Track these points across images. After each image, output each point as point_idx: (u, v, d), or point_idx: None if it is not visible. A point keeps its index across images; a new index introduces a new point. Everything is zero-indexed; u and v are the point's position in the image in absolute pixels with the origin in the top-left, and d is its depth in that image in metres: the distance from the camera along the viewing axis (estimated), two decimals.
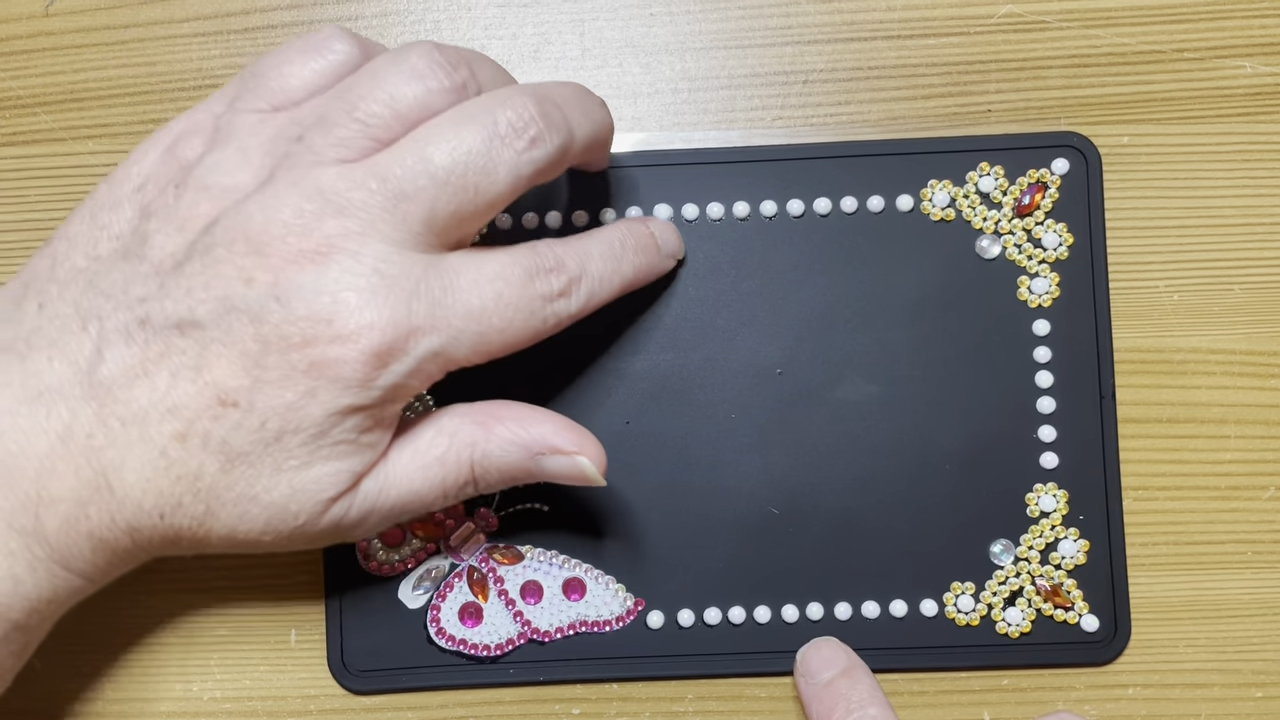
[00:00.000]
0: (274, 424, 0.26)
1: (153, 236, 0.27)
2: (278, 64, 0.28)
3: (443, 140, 0.26)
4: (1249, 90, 0.34)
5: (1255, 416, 0.34)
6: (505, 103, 0.27)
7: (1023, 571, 0.33)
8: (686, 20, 0.35)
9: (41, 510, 0.26)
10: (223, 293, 0.26)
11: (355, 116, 0.26)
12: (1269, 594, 0.33)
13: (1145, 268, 0.34)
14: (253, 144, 0.27)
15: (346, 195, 0.26)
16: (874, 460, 0.33)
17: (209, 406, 0.26)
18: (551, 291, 0.28)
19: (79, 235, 0.28)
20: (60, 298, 0.27)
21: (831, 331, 0.33)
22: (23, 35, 0.34)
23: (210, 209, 0.26)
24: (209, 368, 0.26)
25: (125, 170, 0.28)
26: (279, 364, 0.25)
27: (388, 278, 0.26)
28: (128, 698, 0.33)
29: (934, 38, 0.34)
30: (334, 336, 0.25)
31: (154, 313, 0.26)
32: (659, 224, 0.32)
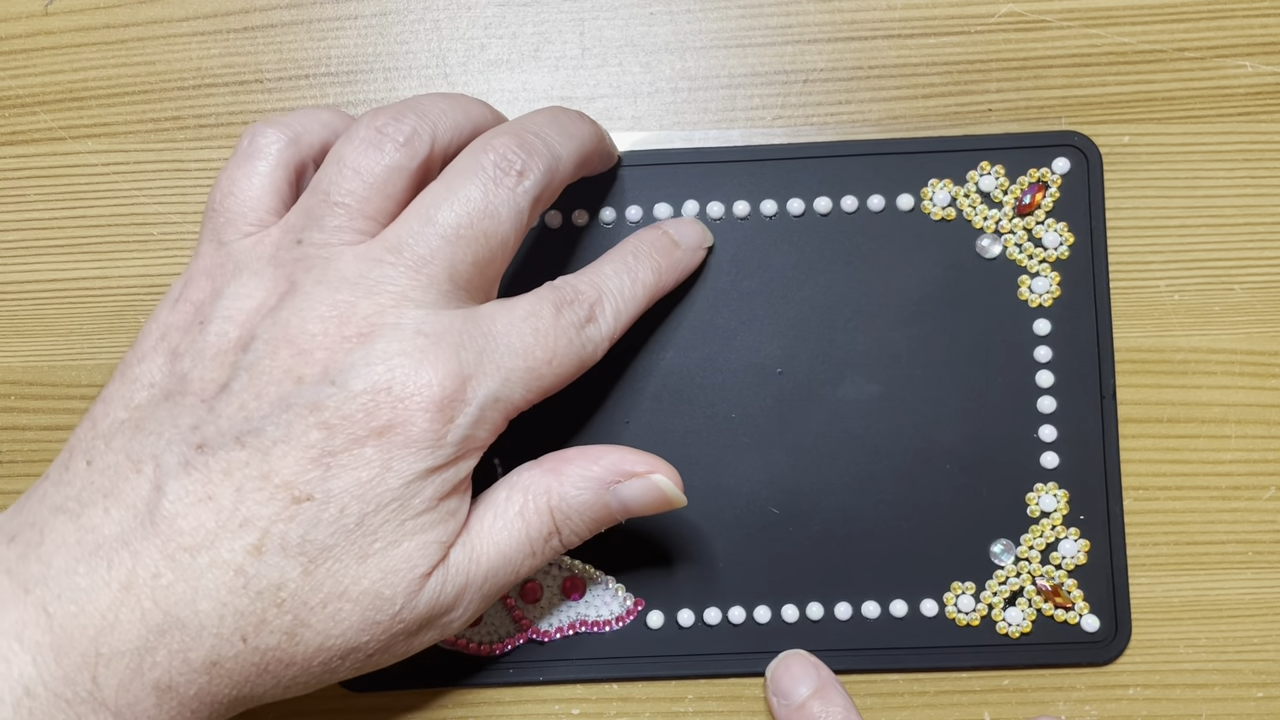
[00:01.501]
0: (354, 508, 0.25)
1: (189, 372, 0.26)
2: (228, 191, 0.29)
3: (441, 200, 0.27)
4: (1250, 90, 0.34)
5: (1256, 416, 0.34)
6: (486, 148, 0.28)
7: (1023, 571, 0.33)
8: (686, 19, 0.34)
9: (100, 670, 0.24)
10: (275, 396, 0.25)
11: (335, 201, 0.27)
12: (1269, 594, 0.33)
13: (1146, 267, 0.34)
14: (260, 265, 0.27)
15: (371, 275, 0.26)
16: (874, 460, 0.33)
17: (283, 509, 0.25)
18: (579, 320, 0.28)
19: (114, 395, 0.27)
20: (108, 449, 0.26)
21: (832, 331, 0.33)
22: (22, 35, 0.34)
23: (239, 332, 0.26)
24: (276, 471, 0.25)
25: (145, 329, 0.28)
26: (347, 444, 0.25)
27: (432, 336, 0.26)
28: None
29: (934, 37, 0.34)
30: (396, 401, 0.25)
31: (209, 435, 0.25)
32: (675, 222, 0.33)
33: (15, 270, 0.34)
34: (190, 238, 0.34)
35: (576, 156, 0.29)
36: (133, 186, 0.34)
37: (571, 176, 0.29)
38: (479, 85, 0.34)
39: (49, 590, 0.24)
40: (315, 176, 0.28)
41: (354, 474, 0.25)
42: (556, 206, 0.33)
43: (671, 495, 0.29)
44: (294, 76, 0.34)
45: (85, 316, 0.34)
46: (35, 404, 0.34)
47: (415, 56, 0.34)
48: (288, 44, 0.34)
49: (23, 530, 0.25)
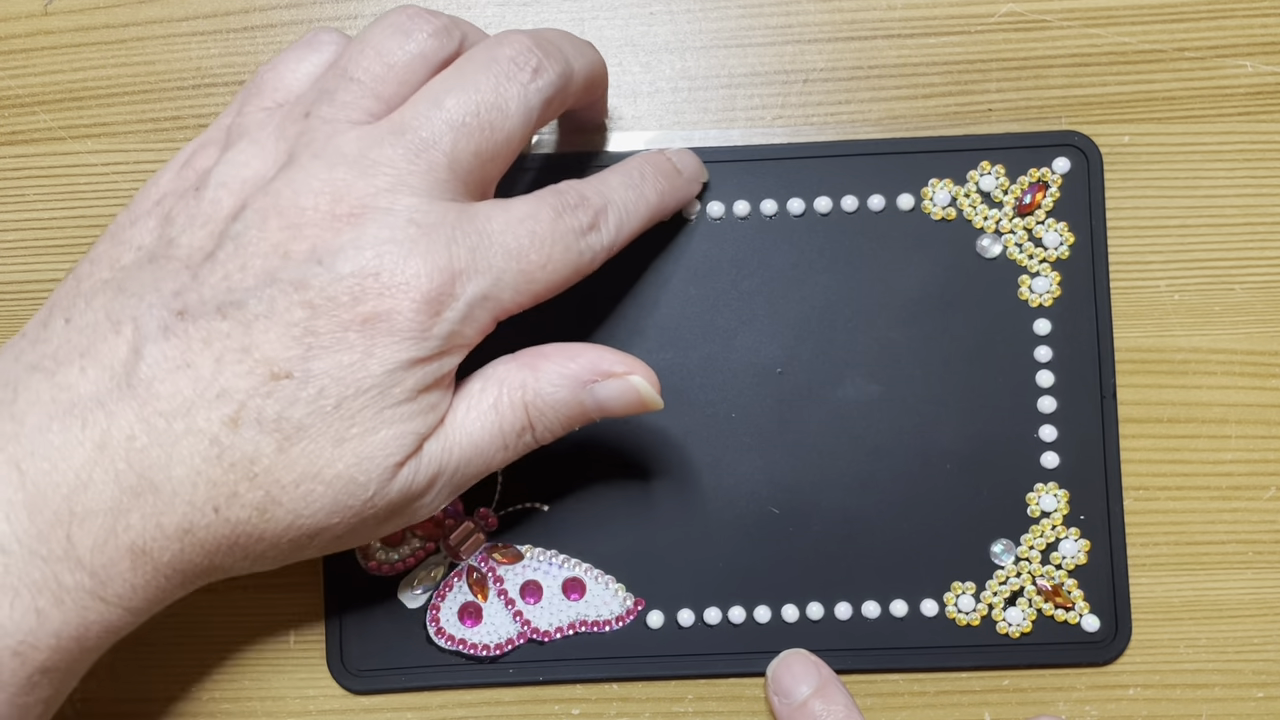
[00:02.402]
0: (332, 390, 0.25)
1: (178, 238, 0.26)
2: (273, 68, 0.29)
3: (452, 86, 0.27)
4: (1250, 89, 0.34)
5: (1256, 416, 0.34)
6: (501, 42, 0.27)
7: (1023, 571, 0.33)
8: (686, 19, 0.34)
9: (74, 528, 0.24)
10: (261, 269, 0.25)
11: (351, 77, 0.27)
12: (1270, 594, 0.33)
13: (1146, 267, 0.34)
14: (263, 135, 0.27)
15: (370, 155, 0.26)
16: (874, 460, 0.33)
17: (261, 384, 0.25)
18: (581, 225, 0.28)
19: (101, 254, 0.27)
20: (88, 308, 0.26)
21: (832, 331, 0.33)
22: (22, 34, 0.34)
23: (233, 201, 0.26)
24: (256, 345, 0.25)
25: (142, 193, 0.28)
26: (330, 326, 0.25)
27: (424, 226, 0.26)
28: (128, 698, 0.33)
29: (935, 36, 0.34)
30: (383, 289, 0.25)
31: (190, 302, 0.25)
32: (676, 150, 0.32)
33: (15, 270, 0.34)
34: None
35: (588, 72, 0.29)
36: (133, 186, 0.34)
37: (580, 94, 0.29)
38: None
39: (21, 447, 0.24)
40: (340, 54, 0.28)
41: (335, 356, 0.25)
42: None
43: (648, 397, 0.29)
44: None
45: None
46: None
47: None
48: (288, 44, 0.34)
49: None
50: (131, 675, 0.33)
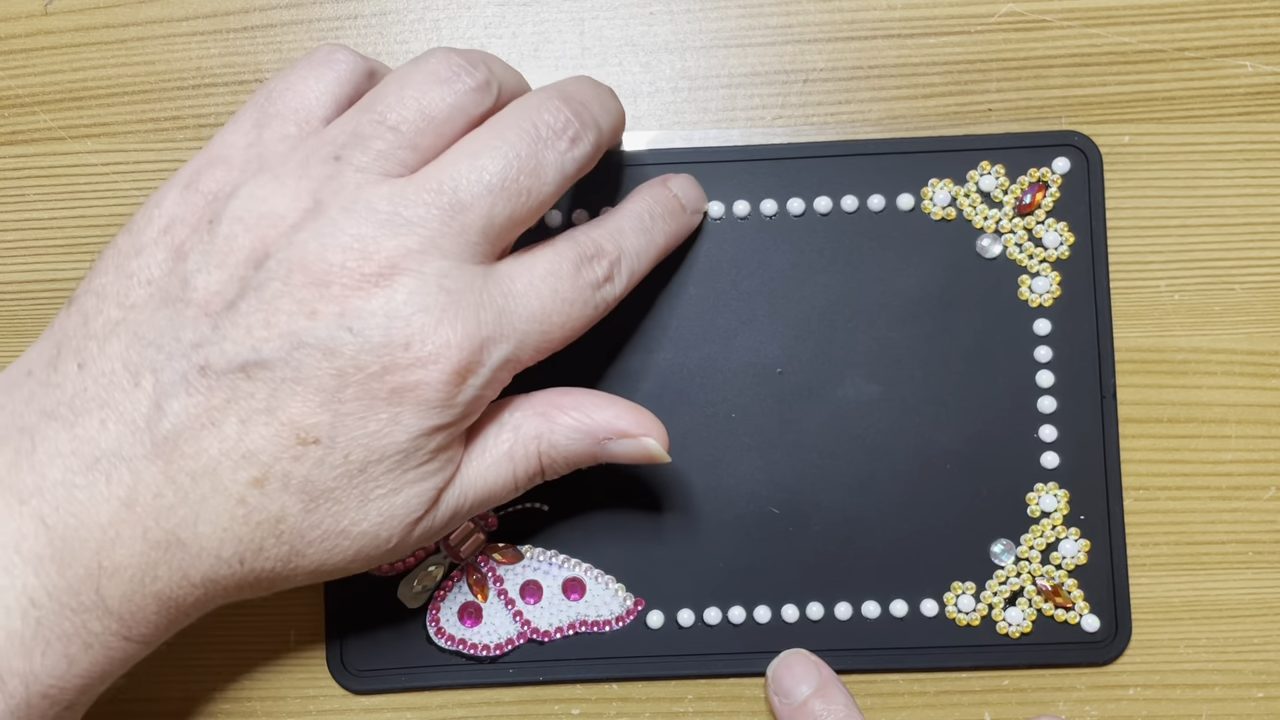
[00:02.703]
0: (358, 455, 0.25)
1: (193, 278, 0.25)
2: (287, 83, 0.28)
3: (490, 148, 0.26)
4: (1250, 90, 0.34)
5: (1256, 416, 0.34)
6: (541, 107, 0.27)
7: (1023, 571, 0.33)
8: (686, 19, 0.34)
9: (104, 582, 0.25)
10: (286, 329, 0.25)
11: (389, 125, 0.26)
12: (1270, 594, 0.33)
13: (1146, 267, 0.34)
14: (286, 170, 0.26)
15: (403, 213, 0.25)
16: (874, 460, 0.33)
17: (288, 447, 0.25)
18: (598, 278, 0.28)
19: (107, 288, 0.26)
20: (102, 354, 0.25)
21: (832, 331, 0.33)
22: (22, 34, 0.34)
23: (250, 241, 0.25)
24: (283, 408, 0.25)
25: (145, 214, 0.27)
26: (359, 395, 0.25)
27: (453, 293, 0.25)
28: (128, 698, 0.33)
29: (934, 36, 0.34)
30: (414, 361, 0.25)
31: (213, 357, 0.25)
32: (679, 181, 0.32)
33: (15, 270, 0.34)
34: None
35: (612, 132, 0.29)
36: (133, 186, 0.34)
37: (604, 151, 0.29)
38: None
39: (46, 502, 0.24)
40: (371, 94, 0.27)
41: (363, 424, 0.25)
42: (556, 206, 0.33)
43: (658, 456, 0.29)
44: None
45: None
46: None
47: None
48: (288, 44, 0.34)
49: (10, 435, 0.25)
50: (131, 675, 0.33)
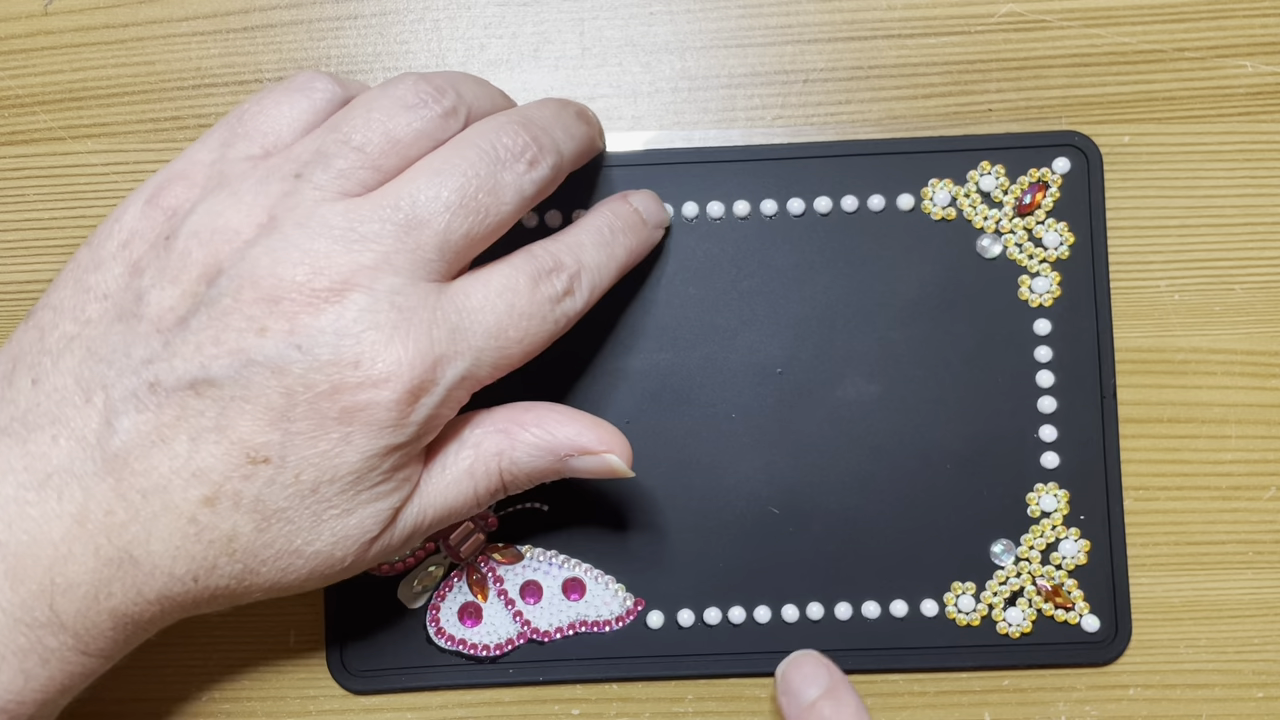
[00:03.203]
0: (309, 475, 0.25)
1: (147, 293, 0.25)
2: (260, 105, 0.28)
3: (449, 166, 0.26)
4: (1250, 90, 0.34)
5: (1256, 416, 0.34)
6: (500, 130, 0.27)
7: (1023, 571, 0.33)
8: (686, 19, 0.34)
9: (57, 598, 0.24)
10: (236, 346, 0.25)
11: (353, 145, 0.26)
12: (1270, 594, 0.33)
13: (1146, 267, 0.34)
14: (245, 186, 0.26)
15: (358, 229, 0.25)
16: (874, 460, 0.33)
17: (238, 466, 0.25)
18: (557, 293, 0.28)
19: (64, 302, 0.26)
20: (55, 369, 0.25)
21: (832, 331, 0.33)
22: (22, 34, 0.34)
23: (204, 256, 0.25)
24: (233, 426, 0.25)
25: (106, 229, 0.27)
26: (308, 414, 0.25)
27: (405, 310, 0.25)
28: (128, 698, 0.33)
29: (934, 37, 0.34)
30: (363, 380, 0.25)
31: (163, 374, 0.25)
32: (640, 197, 0.32)
33: (15, 270, 0.34)
34: None
35: (574, 156, 0.29)
36: (132, 186, 0.34)
37: (568, 172, 0.30)
38: None
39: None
40: (337, 115, 0.27)
41: (313, 444, 0.25)
42: (556, 206, 0.33)
43: (621, 471, 0.29)
44: None
45: None
46: None
47: (415, 56, 0.34)
48: (288, 44, 0.34)
49: None
50: (132, 675, 0.33)
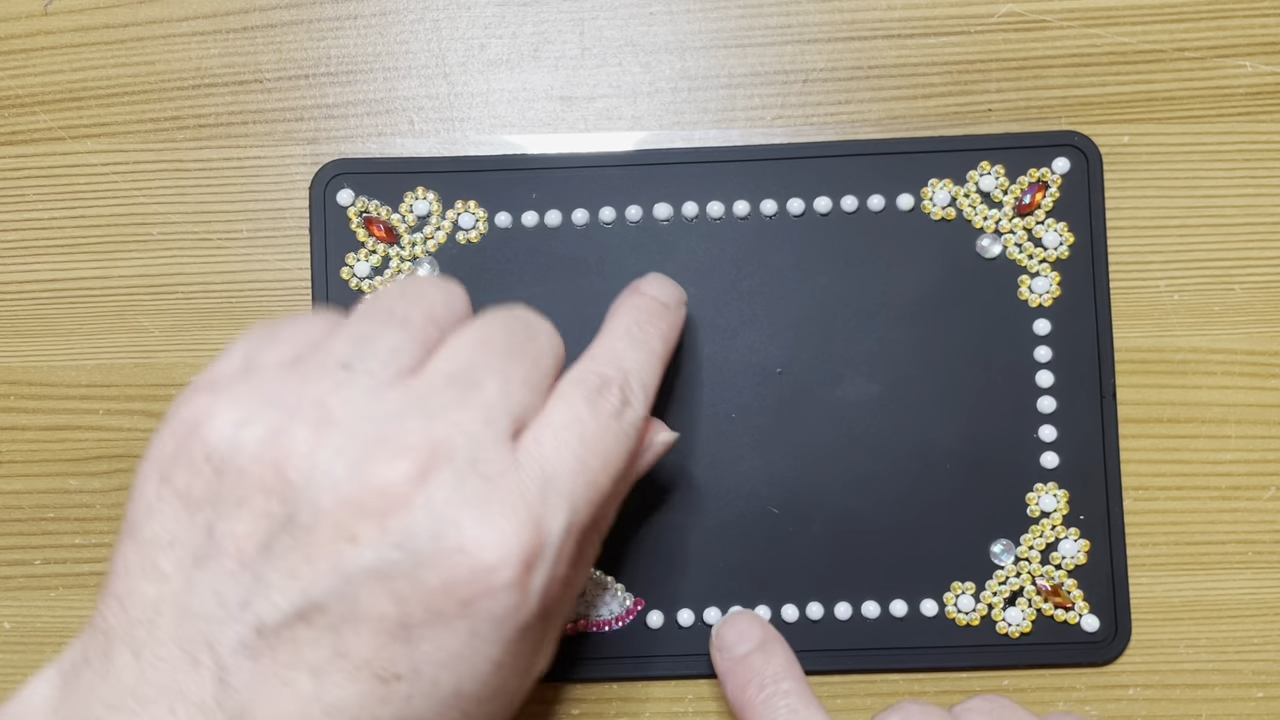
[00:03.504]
0: (447, 680, 0.23)
1: (215, 526, 0.23)
2: (286, 320, 0.27)
3: (488, 328, 0.26)
4: (1250, 90, 0.34)
5: (1256, 416, 0.34)
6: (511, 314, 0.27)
7: (1023, 571, 0.33)
8: (686, 19, 0.34)
9: None
10: (331, 561, 0.23)
11: (396, 320, 0.25)
12: (1269, 594, 0.33)
13: (1146, 267, 0.34)
14: (286, 389, 0.24)
15: (423, 406, 0.24)
16: (874, 460, 0.33)
17: (371, 690, 0.23)
18: (615, 406, 0.26)
19: (130, 563, 0.24)
20: (152, 638, 0.23)
21: (832, 331, 0.33)
22: (22, 34, 0.34)
23: (263, 470, 0.23)
24: (352, 649, 0.23)
25: (140, 475, 0.25)
26: (427, 616, 0.23)
27: (491, 478, 0.24)
28: None
29: (934, 37, 0.34)
30: (474, 565, 0.23)
31: (265, 613, 0.23)
32: (650, 284, 0.31)
33: (15, 270, 0.34)
34: (190, 237, 0.34)
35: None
36: (133, 186, 0.34)
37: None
38: (479, 85, 0.34)
39: None
40: (364, 303, 0.26)
41: (441, 647, 0.23)
42: (556, 206, 0.33)
43: (671, 441, 0.29)
44: (294, 76, 0.34)
45: (85, 316, 0.34)
46: (35, 404, 0.34)
47: (415, 56, 0.34)
48: (288, 44, 0.34)
49: None
50: None
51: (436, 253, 0.34)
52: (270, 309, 0.34)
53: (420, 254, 0.34)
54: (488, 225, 0.34)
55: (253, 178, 0.34)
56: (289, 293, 0.34)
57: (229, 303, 0.34)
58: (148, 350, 0.34)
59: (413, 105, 0.34)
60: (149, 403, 0.34)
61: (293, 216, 0.34)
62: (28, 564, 0.34)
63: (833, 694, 0.33)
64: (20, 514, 0.34)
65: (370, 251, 0.34)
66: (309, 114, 0.34)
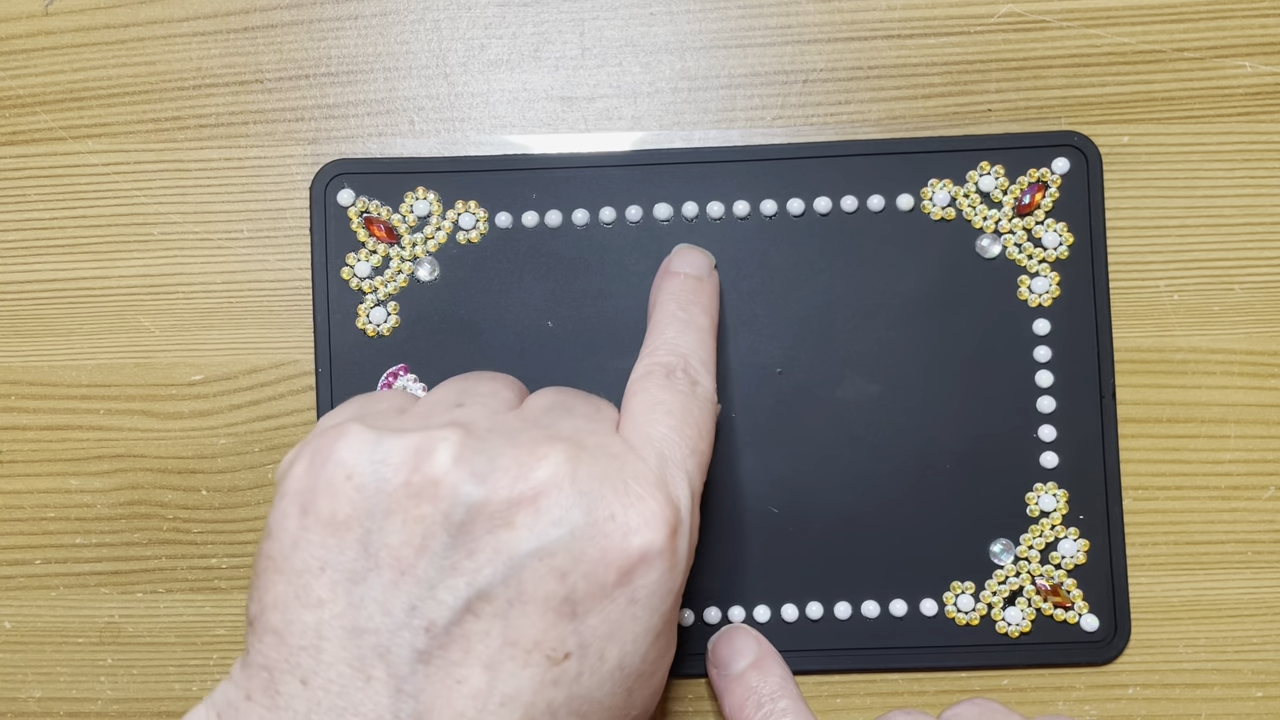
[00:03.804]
0: (613, 652, 0.24)
1: (369, 539, 0.24)
2: (374, 393, 0.29)
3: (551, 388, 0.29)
4: (1249, 90, 0.34)
5: (1255, 416, 0.34)
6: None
7: (1023, 571, 0.33)
8: (686, 19, 0.34)
9: None
10: (493, 549, 0.23)
11: (483, 378, 0.28)
12: (1269, 594, 0.33)
13: (1145, 267, 0.34)
14: (408, 420, 0.26)
15: (537, 420, 0.26)
16: (874, 460, 0.33)
17: (543, 674, 0.23)
18: (688, 385, 0.28)
19: (282, 597, 0.24)
20: (320, 662, 0.23)
21: (831, 331, 0.33)
22: (22, 35, 0.34)
23: (409, 478, 0.24)
24: (522, 634, 0.23)
25: (276, 514, 0.25)
26: (590, 589, 0.24)
27: (619, 457, 0.25)
28: (128, 697, 0.33)
29: (934, 37, 0.34)
30: (626, 532, 0.24)
31: (434, 614, 0.23)
32: (680, 260, 0.32)
33: (15, 270, 0.34)
34: (191, 237, 0.34)
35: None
36: (133, 186, 0.34)
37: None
38: (479, 85, 0.34)
39: None
40: (454, 383, 0.28)
41: (605, 619, 0.24)
42: (557, 206, 0.34)
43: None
44: (294, 76, 0.34)
45: (85, 316, 0.34)
46: (35, 404, 0.34)
47: (415, 56, 0.35)
48: (288, 44, 0.34)
49: None
50: (132, 676, 0.33)
51: (437, 253, 0.34)
52: (271, 309, 0.34)
53: (421, 254, 0.34)
54: (488, 225, 0.34)
55: (253, 178, 0.34)
56: (289, 293, 0.34)
57: (229, 303, 0.34)
58: (148, 350, 0.34)
59: (413, 105, 0.34)
60: (149, 403, 0.34)
61: (293, 216, 0.34)
62: (28, 564, 0.34)
63: (832, 694, 0.33)
64: (20, 514, 0.34)
65: (371, 251, 0.34)
66: (310, 114, 0.34)
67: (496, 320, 0.33)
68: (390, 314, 0.33)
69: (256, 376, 0.34)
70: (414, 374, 0.33)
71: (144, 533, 0.34)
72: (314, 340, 0.34)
